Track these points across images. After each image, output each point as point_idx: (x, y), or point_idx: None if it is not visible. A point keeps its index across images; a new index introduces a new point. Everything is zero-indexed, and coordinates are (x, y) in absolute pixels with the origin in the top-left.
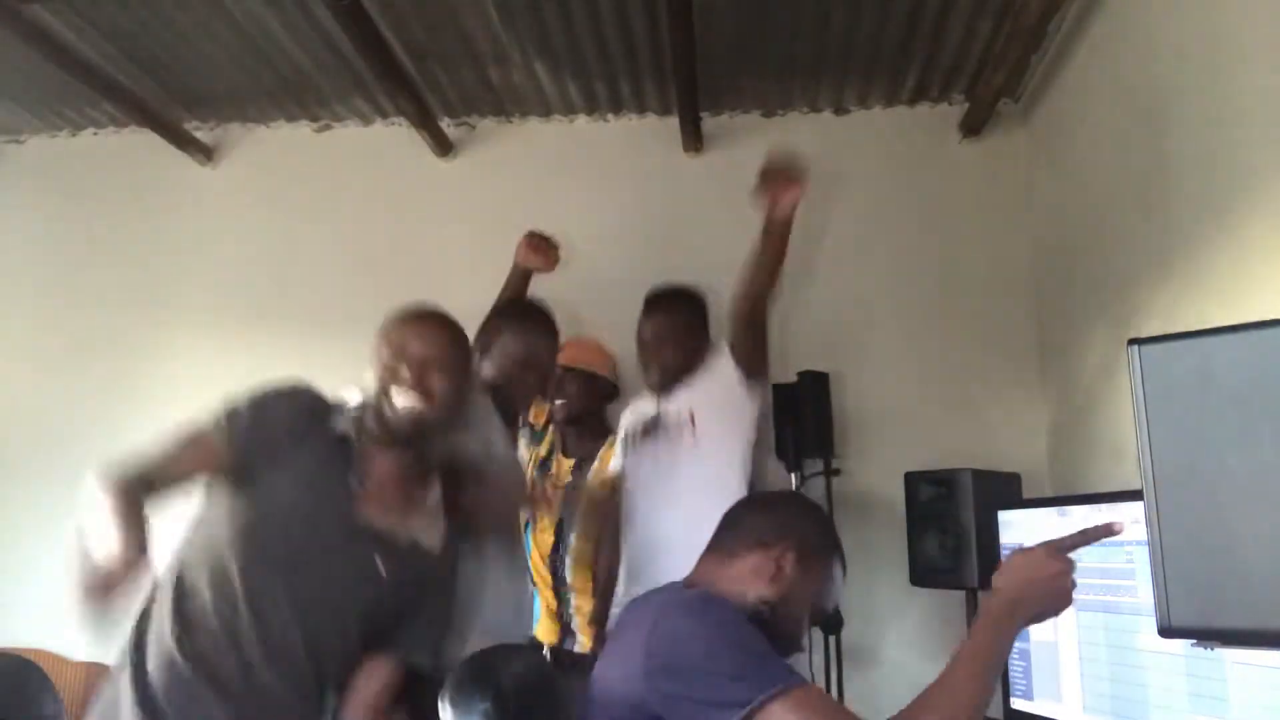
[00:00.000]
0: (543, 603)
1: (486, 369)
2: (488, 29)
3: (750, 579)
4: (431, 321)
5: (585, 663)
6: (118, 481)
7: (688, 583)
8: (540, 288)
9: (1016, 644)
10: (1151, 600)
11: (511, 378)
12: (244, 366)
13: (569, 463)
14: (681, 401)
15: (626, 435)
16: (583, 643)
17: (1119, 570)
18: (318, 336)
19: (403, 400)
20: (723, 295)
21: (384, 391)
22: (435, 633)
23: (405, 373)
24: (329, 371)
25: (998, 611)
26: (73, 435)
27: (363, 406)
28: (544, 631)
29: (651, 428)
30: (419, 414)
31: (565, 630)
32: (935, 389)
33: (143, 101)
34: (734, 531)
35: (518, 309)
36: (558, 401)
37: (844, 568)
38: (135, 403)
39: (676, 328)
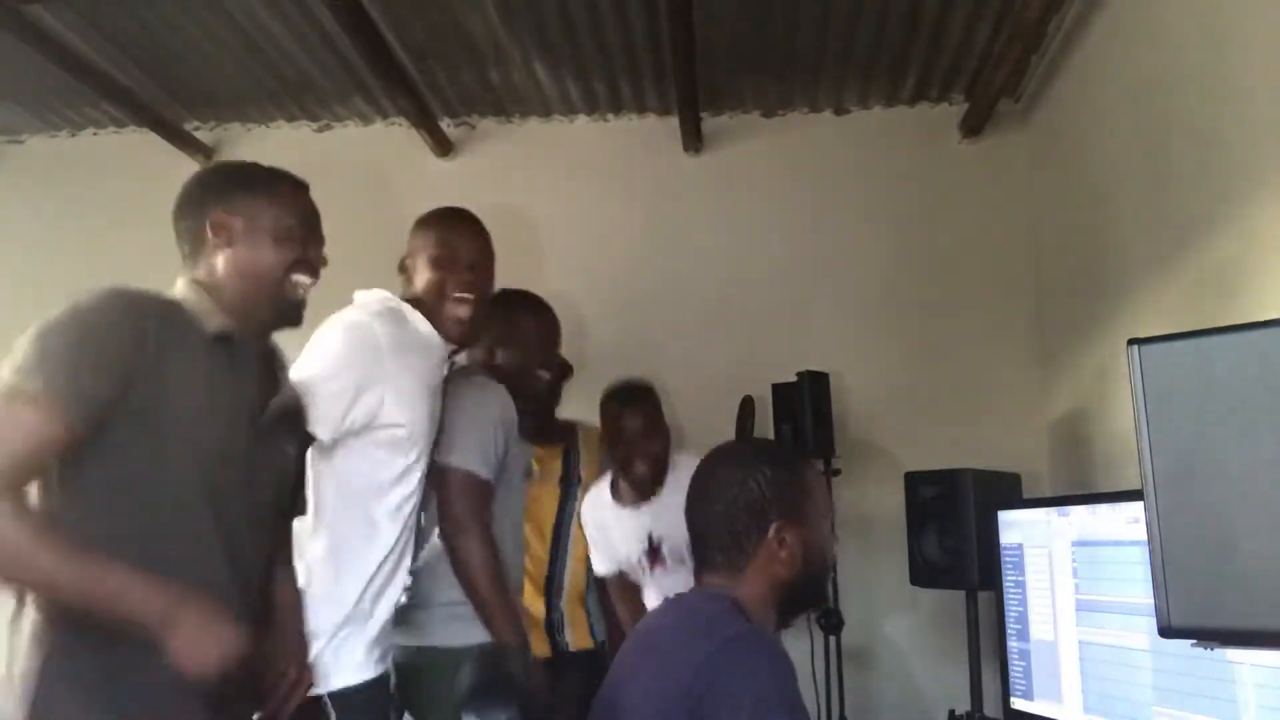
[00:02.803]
0: (530, 615)
1: (502, 358)
2: (488, 29)
3: (769, 575)
4: (473, 223)
5: (583, 660)
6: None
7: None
8: (541, 288)
9: (1016, 644)
10: (1151, 600)
11: (532, 368)
12: None
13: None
14: (670, 529)
15: (630, 564)
16: (573, 640)
17: (1119, 570)
18: None
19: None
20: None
21: (440, 294)
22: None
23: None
24: None
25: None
26: None
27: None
28: (535, 644)
29: (654, 556)
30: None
31: (554, 636)
32: (935, 389)
33: (143, 101)
34: (721, 549)
35: (533, 299)
36: (542, 373)
37: (808, 461)
38: None
39: (657, 416)
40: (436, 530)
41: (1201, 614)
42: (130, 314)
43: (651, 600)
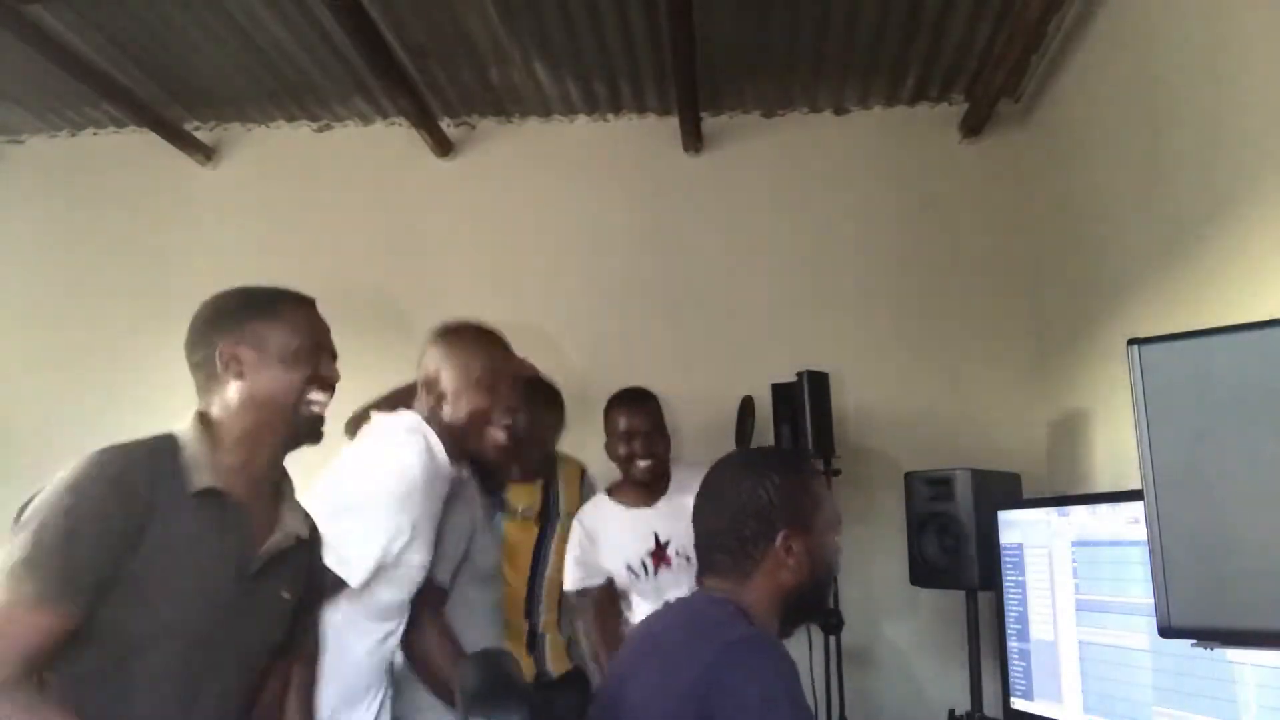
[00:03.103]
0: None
1: (452, 414)
2: (488, 29)
3: (774, 582)
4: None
5: (567, 681)
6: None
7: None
8: (541, 287)
9: (1016, 644)
10: (1151, 600)
11: (514, 451)
12: None
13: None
14: (676, 530)
15: (631, 567)
16: (553, 665)
17: (1119, 570)
18: None
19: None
20: None
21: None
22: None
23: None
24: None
25: None
26: (72, 434)
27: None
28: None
29: (659, 555)
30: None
31: (538, 663)
32: (935, 389)
33: (143, 101)
34: (727, 553)
35: (533, 380)
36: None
37: (818, 471)
38: (135, 402)
39: (659, 419)
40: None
41: (1201, 614)
42: (118, 487)
43: (642, 608)
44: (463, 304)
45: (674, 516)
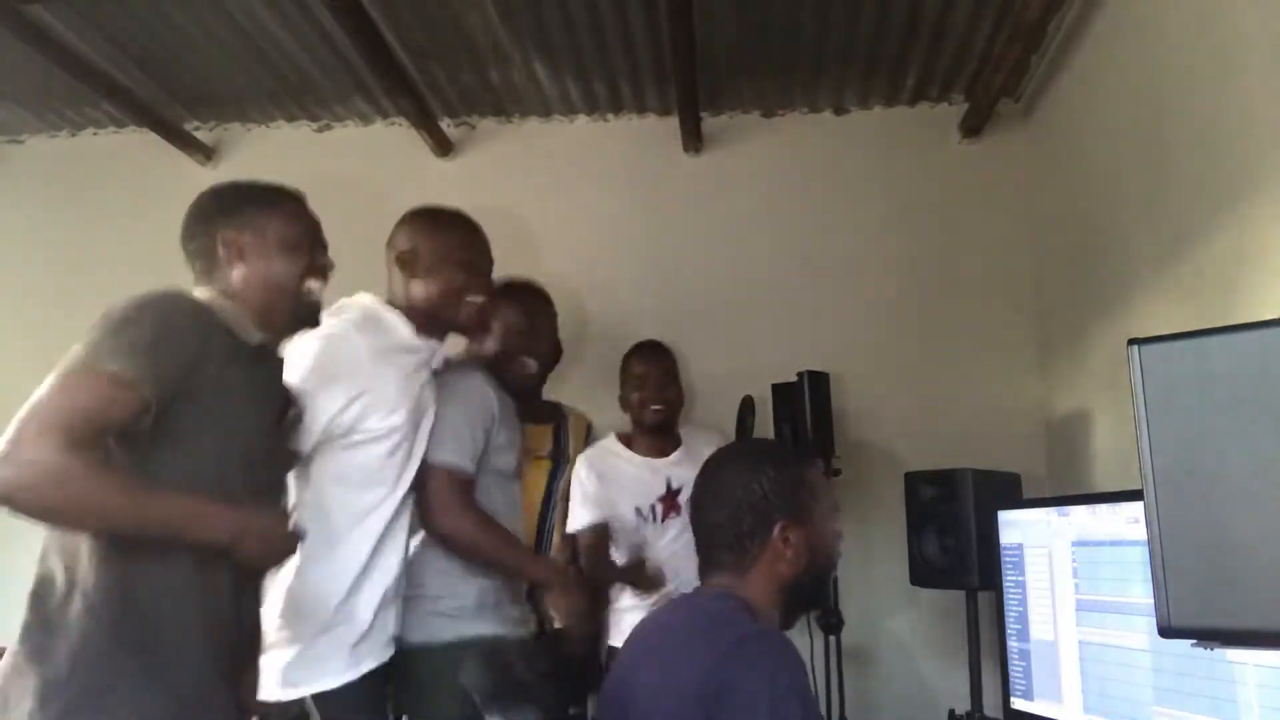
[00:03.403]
0: None
1: (488, 344)
2: (488, 29)
3: (773, 574)
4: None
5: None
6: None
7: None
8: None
9: (1016, 644)
10: (1151, 600)
11: (515, 351)
12: None
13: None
14: (688, 479)
15: (640, 510)
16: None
17: (1119, 570)
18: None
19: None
20: None
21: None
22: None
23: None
24: None
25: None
26: None
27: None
28: None
29: (669, 501)
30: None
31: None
32: (935, 389)
33: (143, 101)
34: (727, 548)
35: (519, 289)
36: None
37: (819, 465)
38: None
39: (675, 370)
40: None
41: (1201, 614)
42: (196, 316)
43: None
44: None
45: (688, 465)
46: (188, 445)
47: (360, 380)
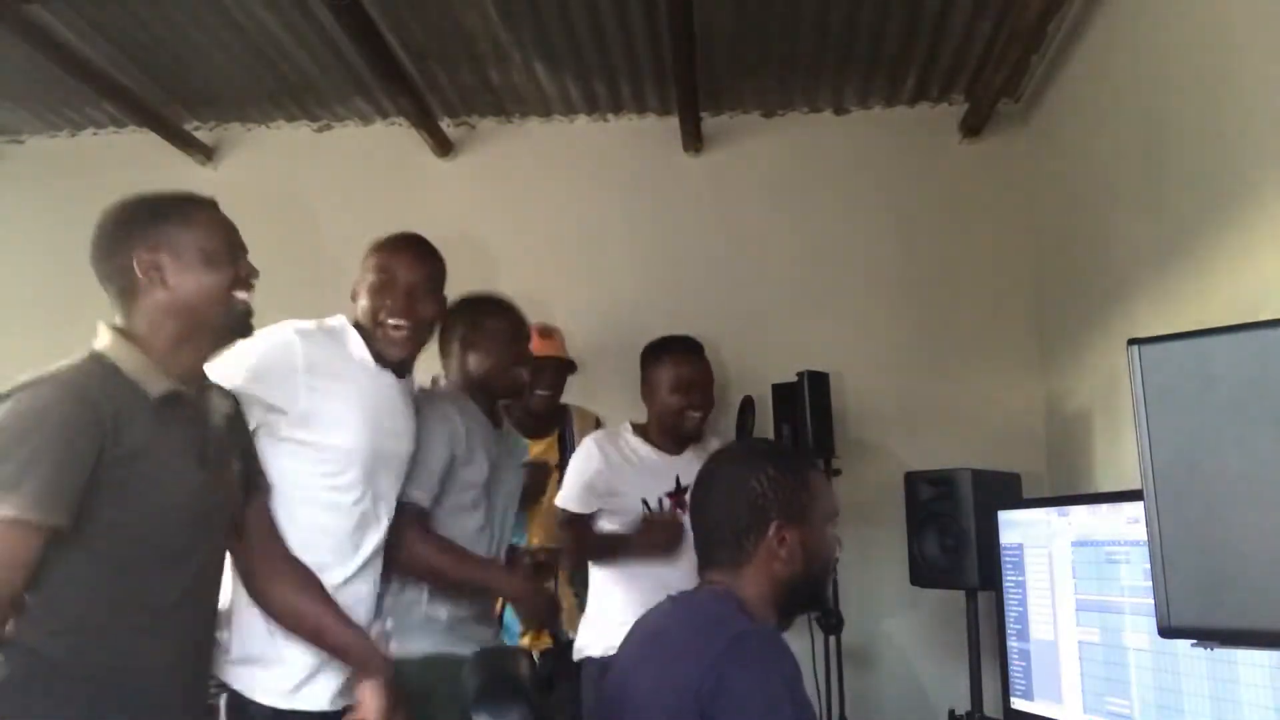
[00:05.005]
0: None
1: (473, 363)
2: (488, 29)
3: (768, 574)
4: (417, 247)
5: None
6: None
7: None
8: (540, 287)
9: (1016, 644)
10: (1151, 600)
11: (501, 371)
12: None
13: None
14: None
15: (647, 501)
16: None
17: (1119, 570)
18: None
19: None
20: None
21: (375, 320)
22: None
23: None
24: None
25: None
26: None
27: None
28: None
29: (676, 498)
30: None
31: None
32: (935, 389)
33: (143, 101)
34: (724, 546)
35: (498, 302)
36: (538, 393)
37: (819, 468)
38: None
39: (711, 374)
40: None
41: (1201, 614)
42: (82, 403)
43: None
44: None
45: (699, 465)
46: (116, 504)
47: (293, 393)
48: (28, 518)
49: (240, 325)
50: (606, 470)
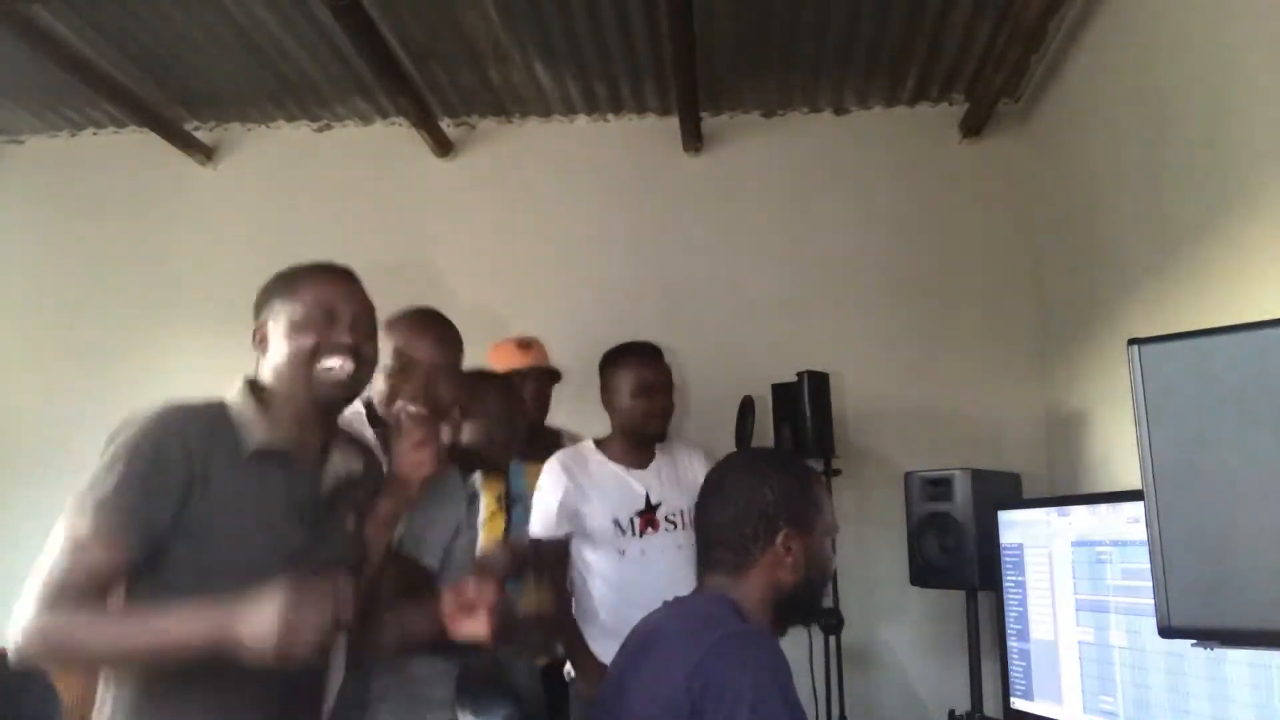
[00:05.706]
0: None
1: (467, 433)
2: (488, 29)
3: (770, 580)
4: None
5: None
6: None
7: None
8: (541, 287)
9: (1016, 644)
10: (1151, 600)
11: (497, 440)
12: (244, 365)
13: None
14: (666, 494)
15: (618, 521)
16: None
17: (1119, 570)
18: None
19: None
20: None
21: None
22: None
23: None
24: None
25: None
26: (74, 436)
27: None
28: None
29: (647, 516)
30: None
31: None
32: (935, 389)
33: (143, 101)
34: (729, 549)
35: (495, 375)
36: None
37: (820, 477)
38: (136, 403)
39: (671, 378)
40: None
41: (1201, 614)
42: (177, 436)
43: (620, 571)
44: (462, 303)
45: (666, 481)
46: (178, 562)
47: None
48: (109, 539)
49: (329, 391)
50: (575, 490)
